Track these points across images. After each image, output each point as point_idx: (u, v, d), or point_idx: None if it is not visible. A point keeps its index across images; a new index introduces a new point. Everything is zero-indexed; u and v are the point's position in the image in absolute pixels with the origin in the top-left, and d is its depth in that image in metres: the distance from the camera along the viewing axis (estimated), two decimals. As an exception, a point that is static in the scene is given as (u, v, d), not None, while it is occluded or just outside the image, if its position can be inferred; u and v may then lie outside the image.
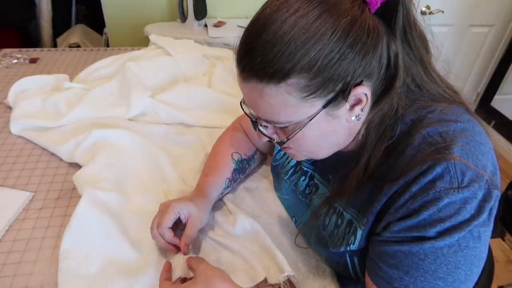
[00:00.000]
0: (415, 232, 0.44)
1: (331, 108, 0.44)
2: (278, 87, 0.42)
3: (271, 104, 0.44)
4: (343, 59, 0.41)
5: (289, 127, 0.47)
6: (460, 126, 0.46)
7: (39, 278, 0.60)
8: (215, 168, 0.76)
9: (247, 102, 0.49)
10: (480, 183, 0.42)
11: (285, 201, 0.73)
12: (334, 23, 0.40)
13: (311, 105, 0.44)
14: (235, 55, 0.46)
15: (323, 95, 0.43)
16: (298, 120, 0.45)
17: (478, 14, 2.20)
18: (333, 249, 0.56)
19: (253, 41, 0.42)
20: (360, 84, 0.43)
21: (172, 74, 1.15)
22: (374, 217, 0.49)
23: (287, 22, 0.41)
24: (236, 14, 2.07)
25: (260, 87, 0.43)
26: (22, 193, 0.75)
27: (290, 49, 0.40)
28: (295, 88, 0.42)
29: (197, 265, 0.55)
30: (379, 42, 0.43)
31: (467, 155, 0.43)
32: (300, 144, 0.50)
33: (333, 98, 0.43)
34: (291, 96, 0.42)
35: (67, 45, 2.25)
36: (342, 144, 0.52)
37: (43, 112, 0.96)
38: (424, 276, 0.44)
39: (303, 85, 0.42)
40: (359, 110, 0.46)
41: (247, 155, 0.80)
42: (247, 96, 0.48)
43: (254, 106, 0.48)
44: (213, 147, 0.82)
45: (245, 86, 0.46)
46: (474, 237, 0.42)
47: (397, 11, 0.43)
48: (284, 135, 0.49)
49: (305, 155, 0.55)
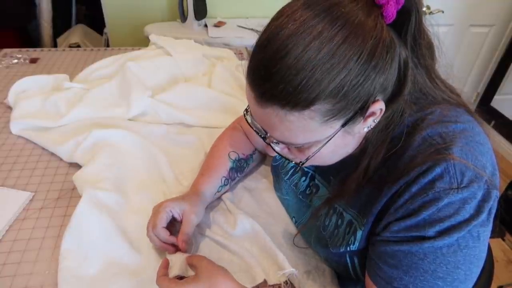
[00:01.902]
0: (414, 232, 0.44)
1: (348, 126, 0.44)
2: (301, 113, 0.41)
3: (290, 129, 0.43)
4: (367, 80, 0.40)
5: (304, 146, 0.46)
6: (460, 126, 0.46)
7: (39, 278, 0.60)
8: (211, 166, 0.76)
9: (259, 123, 0.47)
10: (479, 183, 0.42)
11: (285, 202, 0.73)
12: (359, 46, 0.39)
13: (331, 126, 0.43)
14: (247, 77, 0.44)
15: (344, 115, 0.42)
16: (316, 140, 0.45)
17: (478, 14, 2.20)
18: (333, 250, 0.56)
19: (273, 66, 0.40)
20: (377, 100, 0.43)
21: (172, 74, 1.14)
22: (374, 217, 0.50)
23: (311, 47, 0.38)
24: (236, 14, 2.07)
25: (281, 113, 0.42)
26: (22, 193, 0.75)
27: (316, 76, 0.38)
28: (318, 114, 0.41)
29: (199, 262, 0.55)
30: (395, 56, 0.42)
31: (466, 156, 0.43)
32: (313, 161, 0.49)
33: (351, 117, 0.43)
34: (313, 120, 0.41)
35: (67, 45, 2.25)
36: (350, 152, 0.52)
37: (43, 112, 0.96)
38: (423, 275, 0.44)
39: (326, 110, 0.41)
40: (372, 121, 0.46)
41: (245, 155, 0.80)
42: (262, 119, 0.45)
43: (269, 128, 0.46)
44: (212, 146, 0.82)
45: (261, 110, 0.43)
46: (474, 237, 0.42)
47: (409, 20, 0.42)
48: (298, 151, 0.48)
49: (312, 164, 0.53)
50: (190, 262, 0.58)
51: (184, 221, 0.64)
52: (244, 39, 1.81)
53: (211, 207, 0.75)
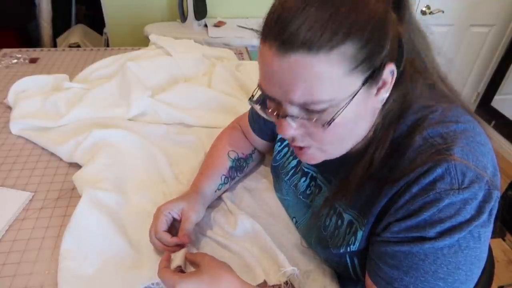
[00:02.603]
0: (415, 233, 0.44)
1: (367, 86, 0.43)
2: (328, 56, 0.39)
3: (316, 78, 0.40)
4: (384, 32, 0.41)
5: (326, 111, 0.43)
6: (461, 127, 0.46)
7: (39, 278, 0.60)
8: (211, 165, 0.76)
9: (277, 85, 0.43)
10: (480, 184, 0.42)
11: (285, 202, 0.73)
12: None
13: (354, 81, 0.42)
14: (265, 30, 0.42)
15: (365, 69, 0.41)
16: (341, 98, 0.42)
17: (478, 14, 2.20)
18: (334, 250, 0.56)
19: (298, 6, 0.39)
20: (389, 63, 0.43)
21: (172, 74, 1.14)
22: (374, 218, 0.49)
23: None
24: (236, 14, 2.07)
25: (306, 59, 0.39)
26: (22, 193, 0.75)
27: (343, 11, 0.38)
28: (344, 58, 0.40)
29: (201, 258, 0.55)
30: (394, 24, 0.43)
31: (467, 156, 0.43)
32: (334, 132, 0.45)
33: (371, 75, 0.42)
34: (339, 67, 0.40)
35: (67, 45, 2.25)
36: (362, 135, 0.50)
37: (43, 112, 0.95)
38: (424, 276, 0.44)
39: (352, 55, 0.40)
40: (384, 93, 0.45)
41: (244, 154, 0.80)
42: (282, 76, 0.42)
43: (290, 86, 0.42)
44: (211, 146, 0.82)
45: (283, 63, 0.41)
46: (474, 237, 0.42)
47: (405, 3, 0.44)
48: (315, 127, 0.45)
49: (326, 151, 0.50)
50: (193, 260, 0.57)
51: (183, 219, 0.64)
52: (244, 39, 1.81)
53: (212, 207, 0.75)
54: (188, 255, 0.59)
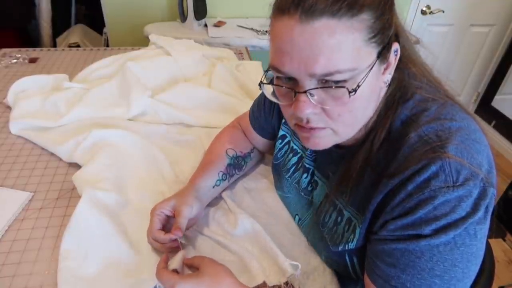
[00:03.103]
0: (411, 230, 0.44)
1: (379, 63, 0.45)
2: (351, 21, 0.41)
3: (340, 45, 0.41)
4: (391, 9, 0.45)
5: (347, 82, 0.43)
6: (456, 124, 0.46)
7: (39, 278, 0.60)
8: (208, 162, 0.76)
9: (298, 57, 0.43)
10: (475, 181, 0.42)
11: (287, 200, 0.73)
12: None
13: (370, 52, 0.44)
14: (285, 1, 0.42)
15: (379, 42, 0.44)
16: (360, 69, 0.43)
17: (478, 14, 2.20)
18: (333, 248, 0.56)
19: None
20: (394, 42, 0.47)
21: (172, 74, 1.15)
22: (371, 214, 0.50)
23: None
24: (236, 14, 2.07)
25: (331, 24, 0.40)
26: (22, 193, 0.75)
27: None
28: (364, 26, 0.42)
29: (201, 261, 0.55)
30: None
31: (462, 154, 0.43)
32: (354, 106, 0.45)
33: (382, 49, 0.45)
34: (361, 33, 0.42)
35: (66, 45, 2.26)
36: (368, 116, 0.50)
37: (42, 112, 0.96)
38: (420, 274, 0.44)
39: (370, 24, 0.42)
40: (388, 74, 0.48)
41: (243, 152, 0.80)
42: (305, 46, 0.42)
43: (313, 55, 0.42)
44: (210, 144, 0.83)
45: (306, 31, 0.41)
46: (470, 234, 0.42)
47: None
48: (334, 101, 0.45)
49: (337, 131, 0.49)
50: (191, 263, 0.57)
51: (176, 214, 0.64)
52: (244, 39, 1.81)
53: (212, 206, 0.75)
54: (186, 260, 0.58)
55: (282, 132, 0.73)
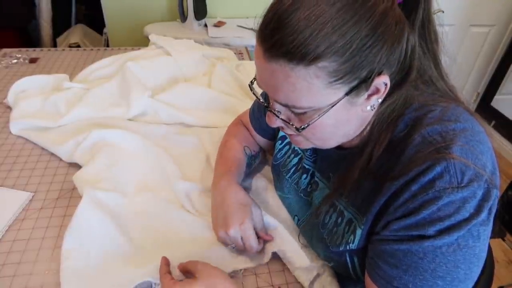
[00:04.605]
0: (414, 231, 0.44)
1: (352, 96, 0.44)
2: (308, 69, 0.41)
3: (295, 88, 0.43)
4: (374, 46, 0.41)
5: (307, 113, 0.46)
6: (460, 125, 0.46)
7: (39, 278, 0.60)
8: (237, 162, 0.76)
9: (264, 84, 0.47)
10: (479, 182, 0.42)
11: (286, 200, 0.73)
12: (371, 8, 0.40)
13: (335, 92, 0.43)
14: (258, 32, 0.44)
15: (349, 81, 0.42)
16: (319, 107, 0.44)
17: (478, 14, 2.20)
18: (333, 248, 0.56)
19: (286, 17, 0.40)
20: (382, 74, 0.43)
21: (172, 74, 1.15)
22: (373, 216, 0.49)
23: (322, 1, 0.40)
24: (236, 14, 2.07)
25: (287, 69, 0.41)
26: (22, 193, 0.75)
27: (326, 30, 0.39)
28: (324, 72, 0.41)
29: (194, 266, 0.55)
30: (403, 34, 0.43)
31: (466, 155, 0.43)
32: (314, 132, 0.49)
33: (356, 86, 0.43)
34: (318, 80, 0.41)
35: (67, 45, 2.26)
36: (351, 135, 0.52)
37: (43, 112, 0.96)
38: (423, 275, 0.44)
39: (333, 70, 0.41)
40: (375, 100, 0.46)
41: (254, 151, 0.81)
42: (267, 78, 0.45)
43: (274, 88, 0.45)
44: (224, 141, 0.82)
45: (268, 67, 0.43)
46: (474, 236, 0.42)
47: (418, 5, 0.43)
48: (299, 121, 0.48)
49: (312, 143, 0.53)
50: (184, 269, 0.58)
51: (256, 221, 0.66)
52: (244, 39, 1.81)
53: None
54: (180, 265, 0.59)
55: (282, 133, 0.73)
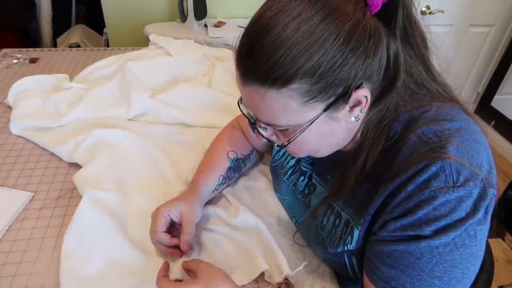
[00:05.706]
0: (411, 231, 0.44)
1: (331, 111, 0.44)
2: (280, 92, 0.42)
3: (272, 109, 0.44)
4: (345, 63, 0.40)
5: (289, 130, 0.47)
6: (456, 125, 0.46)
7: (39, 278, 0.60)
8: (209, 165, 0.76)
9: (246, 104, 0.49)
10: (475, 181, 0.42)
11: (284, 202, 0.74)
12: (337, 27, 0.39)
13: (312, 109, 0.44)
14: (235, 57, 0.46)
15: (324, 99, 0.43)
16: (299, 123, 0.45)
17: (478, 14, 2.20)
18: (331, 249, 0.56)
19: (256, 43, 0.41)
20: (361, 87, 0.43)
21: (172, 74, 1.15)
22: (370, 217, 0.50)
23: (289, 26, 0.40)
24: (236, 14, 2.07)
25: (261, 92, 0.43)
26: (22, 193, 0.76)
27: (292, 54, 0.39)
28: (296, 93, 0.42)
29: (196, 265, 0.56)
30: (380, 45, 0.42)
31: (462, 154, 0.43)
32: (299, 145, 0.50)
33: (333, 102, 0.43)
34: (292, 100, 0.42)
35: (67, 45, 2.26)
36: (342, 144, 0.53)
37: (43, 112, 0.96)
38: (420, 275, 0.44)
39: (305, 90, 0.41)
40: (359, 111, 0.46)
41: (243, 154, 0.80)
42: (247, 99, 0.47)
43: (254, 109, 0.47)
44: (211, 145, 0.82)
45: (245, 90, 0.45)
46: (470, 235, 0.42)
47: (397, 12, 0.43)
48: (284, 137, 0.49)
49: (305, 153, 0.56)
50: (187, 267, 0.58)
51: (184, 222, 0.65)
52: (244, 39, 1.81)
53: (212, 202, 0.75)
54: (183, 263, 0.59)
55: None
